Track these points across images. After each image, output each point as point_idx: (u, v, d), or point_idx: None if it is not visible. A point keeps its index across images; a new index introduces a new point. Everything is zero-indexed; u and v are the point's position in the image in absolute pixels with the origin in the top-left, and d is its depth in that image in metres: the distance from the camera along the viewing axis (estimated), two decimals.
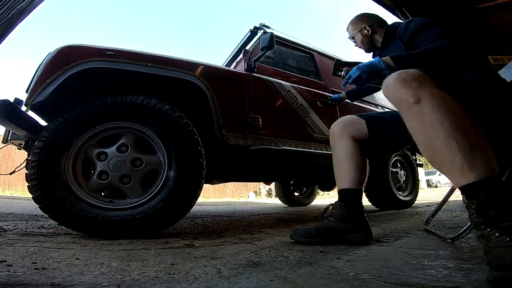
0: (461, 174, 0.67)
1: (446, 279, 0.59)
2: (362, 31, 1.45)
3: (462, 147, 0.67)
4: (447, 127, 0.69)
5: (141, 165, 1.38)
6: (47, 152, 1.31)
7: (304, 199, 4.44)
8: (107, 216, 1.28)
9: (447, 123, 0.69)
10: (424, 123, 0.73)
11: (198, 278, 0.69)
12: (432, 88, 0.76)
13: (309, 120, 2.10)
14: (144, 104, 1.40)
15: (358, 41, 1.49)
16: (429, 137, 0.72)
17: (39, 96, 1.32)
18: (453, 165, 0.68)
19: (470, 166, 0.66)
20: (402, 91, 0.78)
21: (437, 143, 0.70)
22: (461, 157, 0.67)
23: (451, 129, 0.69)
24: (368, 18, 1.46)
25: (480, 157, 0.66)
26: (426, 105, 0.73)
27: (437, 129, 0.70)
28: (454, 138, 0.68)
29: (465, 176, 0.67)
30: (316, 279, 0.64)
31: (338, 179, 1.18)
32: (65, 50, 1.40)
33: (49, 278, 0.67)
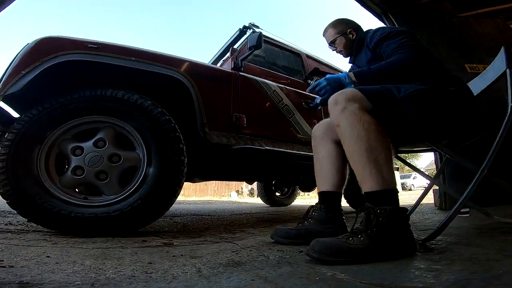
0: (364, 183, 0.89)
1: (418, 280, 0.62)
2: (347, 35, 1.42)
3: (365, 165, 0.88)
4: (357, 147, 0.90)
5: (119, 161, 1.34)
6: (18, 145, 1.24)
7: (285, 199, 4.49)
8: (81, 213, 1.23)
9: (358, 145, 0.90)
10: (343, 141, 0.95)
11: (177, 277, 0.67)
12: (354, 111, 0.92)
13: (293, 121, 2.10)
14: (125, 99, 1.36)
15: (339, 45, 1.44)
16: (348, 152, 0.94)
17: (12, 87, 1.26)
18: (360, 176, 0.90)
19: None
20: (331, 114, 0.98)
21: (352, 157, 0.92)
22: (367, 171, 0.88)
23: (361, 148, 0.89)
24: (351, 22, 1.44)
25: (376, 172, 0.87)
26: (343, 128, 0.93)
27: (352, 147, 0.91)
28: (363, 156, 0.88)
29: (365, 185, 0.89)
30: (295, 279, 0.65)
31: (319, 181, 1.20)
32: (45, 41, 1.34)
33: (17, 276, 0.64)
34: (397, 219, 0.83)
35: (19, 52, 1.35)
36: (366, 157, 0.88)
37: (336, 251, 0.77)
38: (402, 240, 0.83)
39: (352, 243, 0.79)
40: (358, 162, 0.90)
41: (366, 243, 0.79)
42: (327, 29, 1.47)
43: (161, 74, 1.50)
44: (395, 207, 0.84)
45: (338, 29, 1.43)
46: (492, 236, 1.13)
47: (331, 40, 1.45)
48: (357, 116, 0.92)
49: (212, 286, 0.61)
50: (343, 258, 0.76)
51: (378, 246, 0.79)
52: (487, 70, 1.26)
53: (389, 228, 0.81)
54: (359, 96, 0.96)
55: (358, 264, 0.74)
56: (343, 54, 1.46)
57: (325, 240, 0.81)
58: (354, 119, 0.91)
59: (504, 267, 0.67)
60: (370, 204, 0.86)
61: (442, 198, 2.62)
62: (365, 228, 0.81)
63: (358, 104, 0.93)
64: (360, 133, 0.90)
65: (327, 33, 1.47)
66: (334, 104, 0.97)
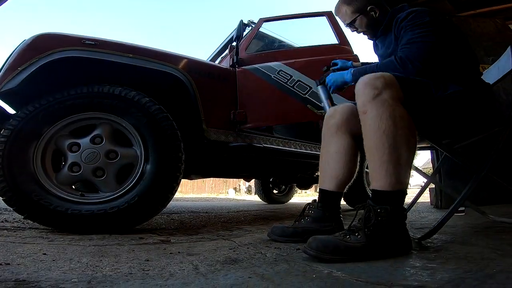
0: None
1: (413, 278, 0.62)
2: (368, 13, 1.20)
3: (383, 163, 0.82)
4: (380, 143, 0.82)
5: (116, 157, 1.33)
6: (14, 142, 1.23)
7: (282, 196, 4.50)
8: (78, 210, 1.23)
9: (382, 140, 0.82)
10: (366, 132, 0.86)
11: (174, 275, 0.68)
12: (387, 101, 0.83)
13: (312, 97, 1.82)
14: (122, 96, 1.35)
15: (361, 26, 1.22)
16: (368, 145, 0.86)
17: (9, 83, 1.25)
18: (374, 172, 0.85)
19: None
20: (359, 99, 0.87)
21: (372, 151, 0.85)
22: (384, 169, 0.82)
23: (385, 145, 0.81)
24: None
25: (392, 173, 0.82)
26: (369, 117, 0.85)
27: (374, 141, 0.83)
28: (385, 153, 0.81)
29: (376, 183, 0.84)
30: (292, 277, 0.65)
31: (324, 177, 1.11)
32: (42, 38, 1.33)
33: (13, 274, 0.63)
34: (395, 218, 0.82)
35: (16, 48, 1.34)
36: (387, 155, 0.81)
37: (333, 249, 0.77)
38: (399, 239, 0.83)
39: (349, 241, 0.79)
40: (377, 159, 0.83)
41: (363, 241, 0.78)
42: (340, 7, 1.25)
43: (158, 71, 1.50)
44: (396, 207, 0.82)
45: (355, 6, 1.21)
46: (487, 235, 1.14)
47: (348, 22, 1.24)
48: (391, 107, 0.82)
49: (209, 283, 0.61)
50: (339, 256, 0.76)
51: (375, 244, 0.79)
52: (490, 69, 1.25)
53: (387, 227, 0.80)
54: (395, 83, 0.86)
55: (354, 262, 0.75)
56: (368, 36, 1.27)
57: (322, 238, 0.80)
58: (386, 110, 0.82)
59: (498, 266, 0.68)
60: (371, 202, 0.83)
61: (438, 197, 2.64)
62: (363, 226, 0.80)
63: (394, 93, 0.84)
64: (388, 128, 0.81)
65: (341, 12, 1.25)
66: (364, 87, 0.86)
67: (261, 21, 2.17)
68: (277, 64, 1.85)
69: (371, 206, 0.82)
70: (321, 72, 1.85)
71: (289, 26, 2.41)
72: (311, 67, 1.86)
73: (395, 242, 0.82)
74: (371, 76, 0.87)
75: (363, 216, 0.82)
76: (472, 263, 0.71)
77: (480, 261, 0.73)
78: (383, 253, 0.79)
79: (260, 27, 2.16)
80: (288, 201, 4.59)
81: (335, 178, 1.08)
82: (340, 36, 2.13)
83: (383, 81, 0.85)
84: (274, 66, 1.84)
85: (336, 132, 1.09)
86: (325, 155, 1.12)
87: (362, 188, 2.81)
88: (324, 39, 2.22)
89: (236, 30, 1.97)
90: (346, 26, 1.28)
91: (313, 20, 2.32)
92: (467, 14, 2.91)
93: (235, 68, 1.90)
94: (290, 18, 2.28)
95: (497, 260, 0.73)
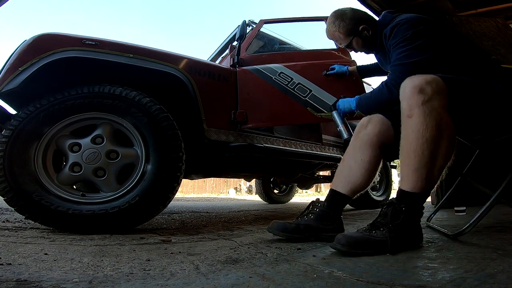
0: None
1: (414, 277, 0.62)
2: (361, 34, 1.20)
3: (418, 168, 0.84)
4: (419, 149, 0.83)
5: (117, 157, 1.34)
6: (15, 142, 1.24)
7: (283, 196, 4.50)
8: (79, 210, 1.23)
9: (423, 147, 0.83)
10: (406, 135, 0.87)
11: (175, 275, 0.68)
12: (437, 109, 0.83)
13: (312, 99, 1.80)
14: (123, 96, 1.35)
15: (358, 47, 1.25)
16: (406, 148, 0.87)
17: (9, 84, 1.25)
18: (406, 175, 0.87)
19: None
20: (406, 101, 0.87)
21: (409, 155, 0.86)
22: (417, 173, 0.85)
23: (425, 153, 0.83)
24: (357, 16, 1.22)
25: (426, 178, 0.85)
26: (414, 122, 0.84)
27: (414, 146, 0.84)
28: (423, 160, 0.83)
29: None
30: (293, 276, 0.65)
31: (341, 179, 1.12)
32: (42, 38, 1.33)
33: (15, 274, 0.64)
34: (415, 216, 0.89)
35: (17, 49, 1.34)
36: (424, 162, 0.83)
37: (363, 244, 0.83)
38: (415, 233, 0.90)
39: (376, 236, 0.84)
40: (414, 163, 0.84)
41: (387, 236, 0.83)
42: (331, 30, 1.25)
43: (159, 71, 1.50)
44: (418, 206, 0.89)
45: (346, 29, 1.21)
46: (488, 234, 1.14)
47: (345, 45, 1.25)
48: (439, 116, 0.82)
49: (210, 283, 0.61)
50: (369, 250, 0.82)
51: (397, 238, 0.84)
52: None
53: (408, 223, 0.87)
54: (445, 89, 0.85)
55: (356, 261, 0.75)
56: (365, 52, 1.29)
57: (351, 234, 0.87)
58: (433, 118, 0.82)
59: (499, 266, 0.68)
60: (396, 201, 0.89)
61: (439, 197, 2.63)
62: (389, 222, 0.85)
63: (442, 100, 0.83)
64: (432, 137, 0.82)
65: (335, 35, 1.26)
66: (413, 91, 0.84)
67: (262, 23, 2.17)
68: (278, 66, 1.85)
69: (396, 205, 0.88)
70: (321, 75, 1.85)
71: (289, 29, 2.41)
72: (311, 70, 1.87)
73: (412, 236, 0.90)
74: (421, 79, 0.85)
75: (389, 213, 0.87)
76: (473, 263, 0.71)
77: (481, 261, 0.73)
78: (403, 246, 0.85)
79: (260, 28, 2.16)
80: (288, 201, 4.58)
81: (352, 183, 1.10)
82: None
83: (435, 86, 0.84)
84: (275, 68, 1.84)
85: (366, 142, 1.10)
86: (349, 159, 1.13)
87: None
88: (322, 43, 2.23)
89: (239, 29, 1.96)
90: (342, 47, 1.29)
91: (312, 24, 2.33)
92: (467, 13, 2.90)
93: (235, 68, 1.90)
94: (290, 21, 2.29)
95: (498, 260, 0.73)
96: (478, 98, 0.94)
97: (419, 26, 1.02)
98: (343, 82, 1.84)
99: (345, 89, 1.82)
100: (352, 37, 1.22)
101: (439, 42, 1.02)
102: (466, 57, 1.05)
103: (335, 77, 1.82)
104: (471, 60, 1.04)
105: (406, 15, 1.09)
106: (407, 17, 1.06)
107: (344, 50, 2.08)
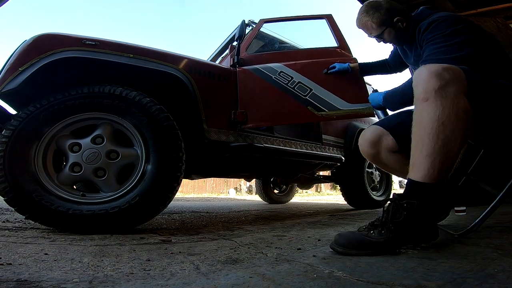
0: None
1: (414, 277, 0.62)
2: (395, 25, 1.18)
3: (431, 154, 0.79)
4: (434, 134, 0.78)
5: (117, 158, 1.34)
6: (15, 142, 1.24)
7: (283, 196, 4.50)
8: (79, 210, 1.23)
9: (436, 132, 0.78)
10: (419, 121, 0.82)
11: (175, 275, 0.68)
12: (455, 94, 0.78)
13: (312, 98, 1.79)
14: (123, 96, 1.35)
15: (389, 38, 1.22)
16: (418, 134, 0.82)
17: (9, 84, 1.25)
18: (417, 162, 0.82)
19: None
20: (421, 85, 0.82)
21: (422, 141, 0.81)
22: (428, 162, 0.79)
23: (439, 137, 0.78)
24: (394, 6, 1.19)
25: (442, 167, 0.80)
26: (429, 106, 0.79)
27: (426, 131, 0.79)
28: (436, 145, 0.78)
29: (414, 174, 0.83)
30: (293, 276, 0.65)
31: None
32: (42, 38, 1.33)
33: (15, 274, 0.64)
34: (422, 212, 0.82)
35: (17, 49, 1.34)
36: (438, 147, 0.78)
37: (358, 245, 0.81)
38: (424, 230, 0.85)
39: (373, 236, 0.82)
40: (426, 148, 0.79)
41: (387, 236, 0.81)
42: (363, 19, 1.22)
43: (159, 71, 1.50)
44: (424, 201, 0.81)
45: (380, 19, 1.19)
46: (488, 234, 1.14)
47: (376, 35, 1.23)
48: (456, 98, 0.78)
49: (210, 283, 0.61)
50: (365, 251, 0.81)
51: (399, 238, 0.82)
52: None
53: (412, 221, 0.82)
54: (463, 77, 0.82)
55: (357, 261, 0.75)
56: (395, 44, 1.28)
57: (348, 234, 0.86)
58: (450, 102, 0.78)
59: (499, 265, 0.68)
60: (398, 197, 0.84)
61: None
62: (389, 221, 0.82)
63: (460, 86, 0.80)
64: (448, 119, 0.77)
65: (366, 25, 1.23)
66: (430, 76, 0.80)
67: (262, 22, 2.17)
68: (278, 65, 1.85)
69: (397, 201, 0.83)
70: (321, 74, 1.85)
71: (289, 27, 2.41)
72: (311, 69, 1.86)
73: (421, 234, 0.85)
74: (438, 66, 0.82)
75: (390, 212, 0.84)
76: (473, 263, 0.71)
77: (481, 260, 0.73)
78: (407, 243, 0.84)
79: (260, 27, 2.16)
80: (289, 201, 4.59)
81: None
82: (339, 40, 2.14)
83: (452, 73, 0.81)
84: (275, 67, 1.84)
85: (378, 155, 1.15)
86: (391, 171, 1.23)
87: (363, 188, 2.81)
88: (324, 41, 2.21)
89: (239, 29, 1.97)
90: (371, 37, 1.26)
91: (313, 23, 2.32)
92: (467, 13, 2.90)
93: (235, 68, 1.90)
94: (290, 20, 2.28)
95: (498, 259, 0.73)
96: (506, 102, 0.91)
97: (459, 25, 0.99)
98: (344, 80, 1.83)
99: (346, 87, 1.82)
100: (385, 28, 1.19)
101: (480, 41, 0.98)
102: (504, 60, 1.02)
103: (337, 75, 1.82)
104: (508, 64, 1.01)
105: (445, 13, 1.06)
106: (447, 15, 1.04)
107: (345, 47, 2.09)
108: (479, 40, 0.99)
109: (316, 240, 1.14)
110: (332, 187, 11.55)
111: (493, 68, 0.98)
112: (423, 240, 0.87)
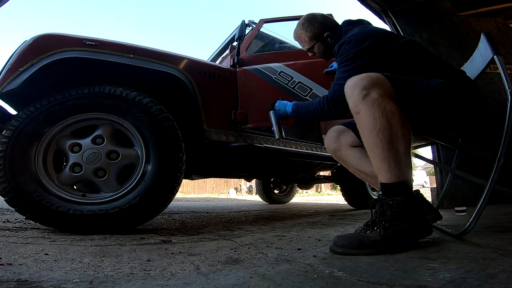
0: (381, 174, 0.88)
1: (414, 278, 0.62)
2: (325, 40, 1.23)
3: (384, 158, 0.85)
4: (378, 140, 0.86)
5: (117, 158, 1.34)
6: (16, 142, 1.24)
7: (284, 197, 4.50)
8: (79, 211, 1.23)
9: (379, 137, 0.85)
10: (362, 131, 0.89)
11: (175, 275, 0.68)
12: (377, 99, 0.86)
13: (312, 98, 1.71)
14: (123, 96, 1.35)
15: (318, 52, 1.28)
16: (367, 143, 0.89)
17: (10, 84, 1.25)
18: (378, 168, 0.88)
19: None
20: (350, 100, 0.91)
21: (372, 149, 0.88)
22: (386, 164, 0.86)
23: (383, 141, 0.85)
24: (326, 22, 1.24)
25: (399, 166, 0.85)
26: (363, 117, 0.87)
27: (372, 139, 0.87)
28: (384, 148, 0.85)
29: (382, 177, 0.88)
30: (293, 276, 0.65)
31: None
32: (42, 38, 1.33)
33: (15, 274, 0.64)
34: (409, 207, 0.86)
35: (17, 49, 1.34)
36: (387, 150, 0.85)
37: (358, 245, 0.83)
38: (416, 225, 0.87)
39: (370, 236, 0.84)
40: (377, 155, 0.87)
41: (382, 234, 0.83)
42: (298, 32, 1.28)
43: (159, 71, 1.50)
44: (407, 196, 0.86)
45: (312, 33, 1.24)
46: (489, 234, 1.14)
47: (307, 48, 1.28)
48: (381, 105, 0.85)
49: (210, 283, 0.61)
50: (365, 250, 0.82)
51: (394, 235, 0.83)
52: (473, 58, 1.25)
53: (402, 217, 0.85)
54: (384, 81, 0.89)
55: (356, 261, 0.75)
56: (325, 59, 1.32)
57: (347, 236, 0.88)
58: (377, 108, 0.85)
59: (500, 265, 0.68)
60: (383, 196, 0.88)
61: (440, 197, 2.63)
62: (380, 220, 0.85)
63: (381, 90, 0.87)
64: (382, 125, 0.85)
65: (300, 37, 1.28)
66: (353, 89, 0.89)
67: (261, 22, 2.17)
68: (278, 65, 1.85)
69: (383, 200, 0.86)
70: (321, 74, 1.85)
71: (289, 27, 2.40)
72: (311, 69, 1.86)
73: (413, 229, 0.86)
74: (357, 77, 0.90)
75: (378, 211, 0.87)
76: (474, 263, 0.71)
77: (482, 261, 0.73)
78: (403, 241, 0.85)
79: (260, 27, 2.16)
80: (289, 201, 4.59)
81: None
82: None
83: (370, 80, 0.88)
84: (275, 67, 1.84)
85: (340, 150, 1.18)
86: (353, 170, 1.20)
87: (362, 188, 2.81)
88: None
89: (238, 30, 1.97)
90: (304, 49, 1.31)
91: None
92: (467, 13, 2.90)
93: (235, 68, 1.90)
94: (290, 20, 2.28)
95: (499, 260, 0.73)
96: (411, 94, 0.95)
97: (362, 44, 1.04)
98: None
99: None
100: (315, 42, 1.25)
101: (383, 58, 1.03)
102: (426, 61, 1.07)
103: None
104: (431, 64, 1.06)
105: (355, 31, 1.10)
106: (354, 34, 1.08)
107: None
108: (386, 54, 1.04)
109: (316, 240, 1.14)
110: (332, 187, 11.55)
111: (410, 74, 1.02)
112: (418, 235, 0.88)
